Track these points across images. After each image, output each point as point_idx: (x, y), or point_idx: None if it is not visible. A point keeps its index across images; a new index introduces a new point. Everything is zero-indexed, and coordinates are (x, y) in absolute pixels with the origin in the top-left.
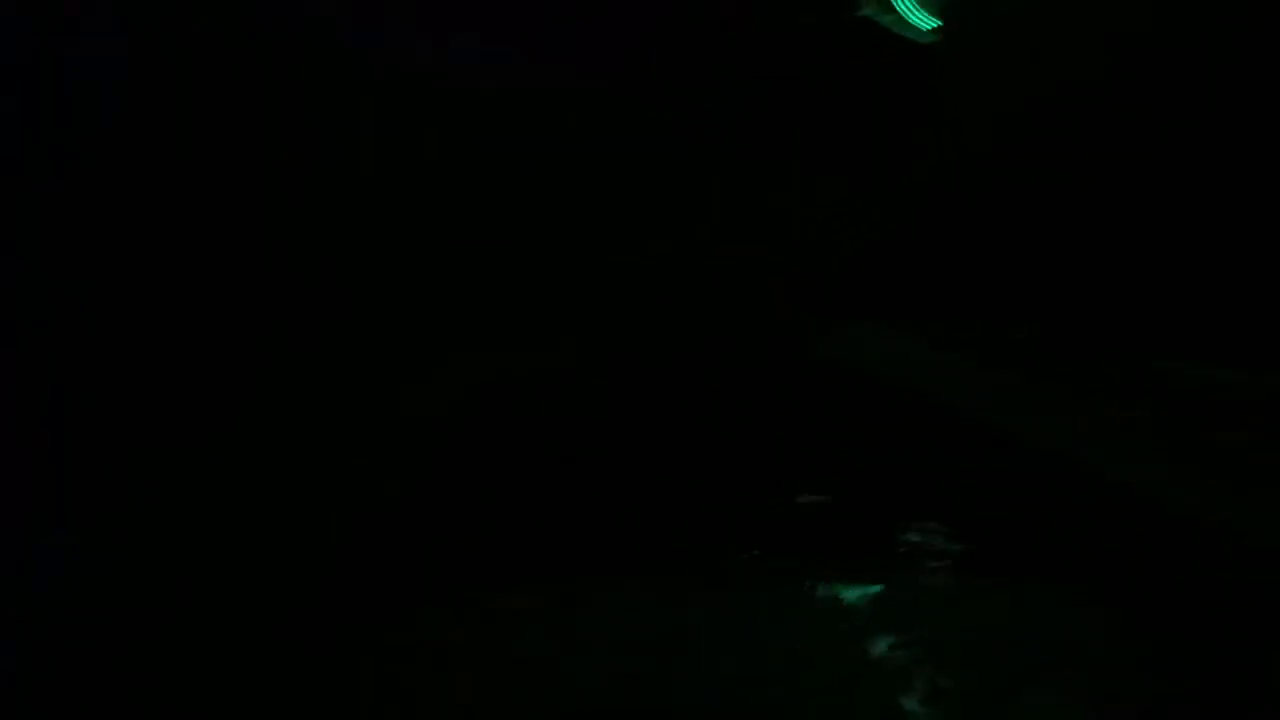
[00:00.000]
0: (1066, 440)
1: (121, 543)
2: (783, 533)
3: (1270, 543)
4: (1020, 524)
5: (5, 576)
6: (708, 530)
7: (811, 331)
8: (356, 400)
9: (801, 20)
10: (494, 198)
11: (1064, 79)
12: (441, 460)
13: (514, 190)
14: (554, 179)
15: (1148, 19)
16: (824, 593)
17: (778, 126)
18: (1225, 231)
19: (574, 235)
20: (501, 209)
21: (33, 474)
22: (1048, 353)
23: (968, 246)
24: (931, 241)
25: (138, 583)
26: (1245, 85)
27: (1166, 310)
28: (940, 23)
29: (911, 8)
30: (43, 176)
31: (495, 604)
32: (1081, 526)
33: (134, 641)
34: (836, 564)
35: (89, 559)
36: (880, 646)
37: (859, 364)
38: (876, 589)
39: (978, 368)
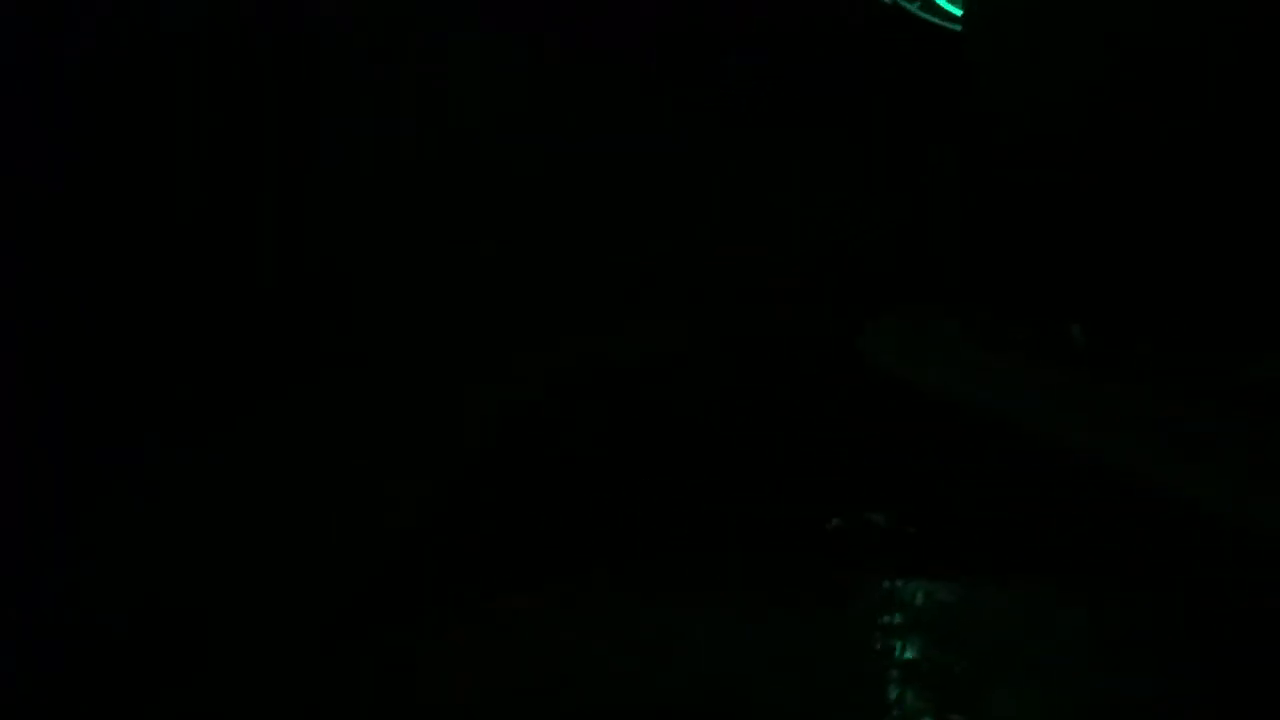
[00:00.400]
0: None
1: (121, 543)
2: (792, 535)
3: None
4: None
5: (5, 576)
6: (709, 531)
7: (838, 329)
8: (353, 401)
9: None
10: (497, 197)
11: (1117, 60)
12: (439, 461)
13: (518, 189)
14: (555, 178)
15: None
16: (828, 594)
17: (789, 119)
18: None
19: (572, 235)
20: (504, 207)
21: (33, 474)
22: (1110, 353)
23: (1003, 239)
24: (961, 235)
25: (136, 584)
26: None
27: (1231, 304)
28: (967, 8)
29: None
30: (43, 176)
31: (495, 604)
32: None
33: (132, 643)
34: (840, 565)
35: (89, 559)
36: (884, 649)
37: (895, 367)
38: (883, 591)
39: (1036, 370)
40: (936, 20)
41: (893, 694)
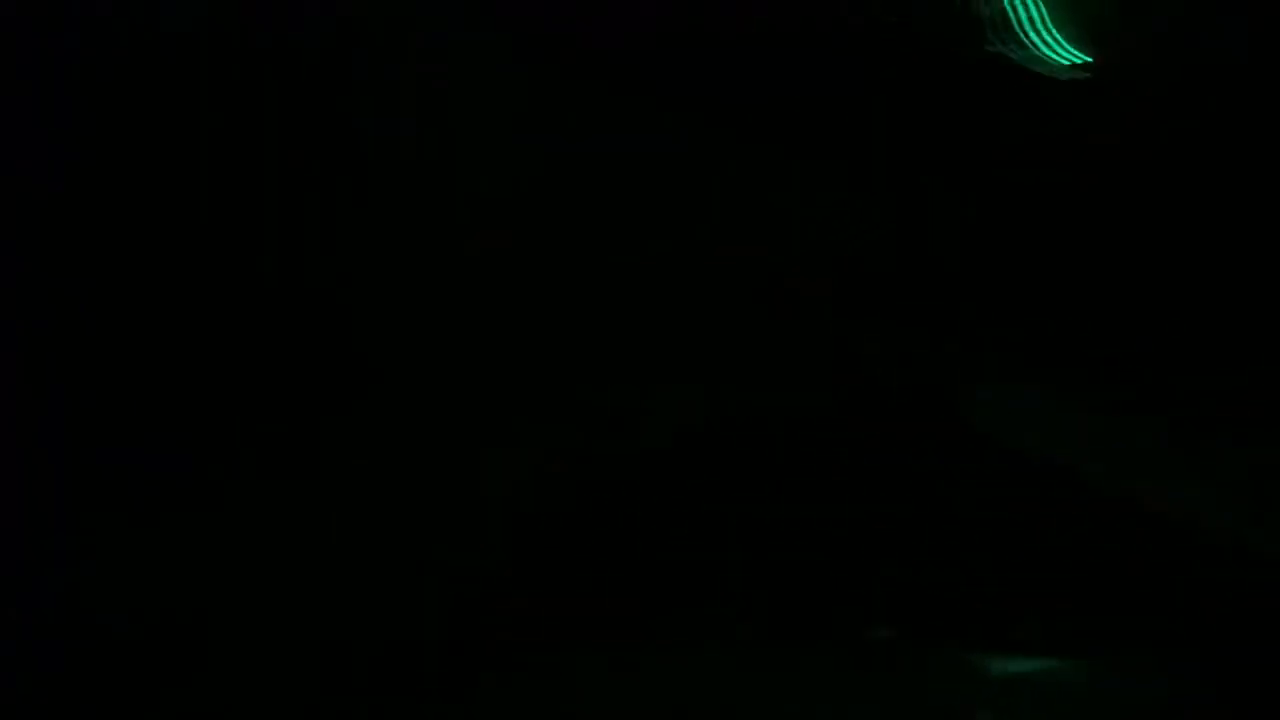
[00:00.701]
0: None
1: (121, 543)
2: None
3: None
4: None
5: (5, 576)
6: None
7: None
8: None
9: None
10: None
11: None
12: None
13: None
14: (555, 178)
15: None
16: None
17: (789, 119)
18: None
19: (571, 236)
20: (504, 208)
21: (33, 474)
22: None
23: (1003, 240)
24: (962, 237)
25: (136, 584)
26: None
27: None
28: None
29: (1051, 41)
30: (43, 176)
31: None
32: None
33: (132, 643)
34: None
35: (89, 559)
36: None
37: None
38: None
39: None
40: (1045, 71)
41: None
